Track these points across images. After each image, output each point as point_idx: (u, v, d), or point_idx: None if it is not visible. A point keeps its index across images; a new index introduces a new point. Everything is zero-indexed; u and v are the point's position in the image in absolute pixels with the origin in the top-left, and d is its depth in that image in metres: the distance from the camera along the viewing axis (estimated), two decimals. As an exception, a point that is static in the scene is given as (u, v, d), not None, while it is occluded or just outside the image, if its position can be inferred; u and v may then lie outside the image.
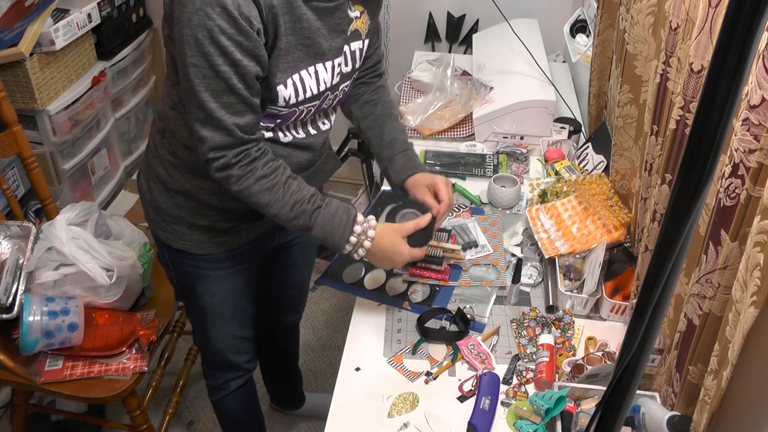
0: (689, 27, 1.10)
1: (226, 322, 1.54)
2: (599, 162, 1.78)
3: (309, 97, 1.21)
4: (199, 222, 1.35)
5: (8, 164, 2.13)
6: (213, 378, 1.69)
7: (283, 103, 1.19)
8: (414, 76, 2.25)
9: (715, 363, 1.00)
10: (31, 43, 2.10)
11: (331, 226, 1.23)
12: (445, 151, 1.96)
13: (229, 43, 1.05)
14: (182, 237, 1.38)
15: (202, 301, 1.48)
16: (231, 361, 1.64)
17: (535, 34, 2.23)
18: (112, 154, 2.74)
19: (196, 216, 1.35)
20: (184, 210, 1.34)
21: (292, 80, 1.17)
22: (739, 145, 0.90)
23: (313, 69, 1.20)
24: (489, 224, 1.69)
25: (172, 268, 1.47)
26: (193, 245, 1.38)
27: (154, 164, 1.34)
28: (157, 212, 1.38)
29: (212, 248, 1.39)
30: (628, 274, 1.45)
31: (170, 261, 1.45)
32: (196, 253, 1.39)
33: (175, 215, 1.35)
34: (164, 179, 1.33)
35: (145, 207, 1.41)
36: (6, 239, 1.73)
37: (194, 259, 1.40)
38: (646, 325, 0.65)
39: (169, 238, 1.39)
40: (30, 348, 1.58)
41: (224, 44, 1.05)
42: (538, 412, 1.20)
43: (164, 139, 1.31)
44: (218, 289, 1.47)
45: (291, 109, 1.21)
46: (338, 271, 1.58)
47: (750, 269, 0.89)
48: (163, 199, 1.35)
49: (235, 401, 1.72)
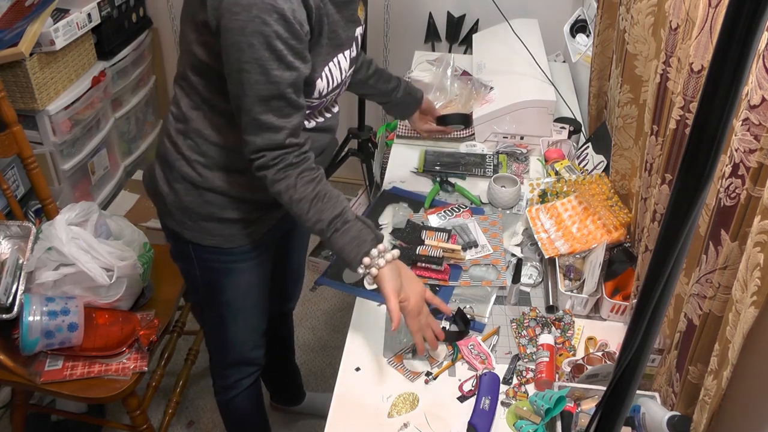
0: (689, 27, 1.10)
1: (247, 315, 1.55)
2: (599, 162, 1.78)
3: (335, 86, 1.29)
4: (228, 216, 1.37)
5: (8, 164, 2.13)
6: (224, 378, 1.68)
7: (317, 95, 1.26)
8: (414, 76, 2.25)
9: (715, 363, 1.00)
10: (31, 43, 2.10)
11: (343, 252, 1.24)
12: (445, 151, 1.96)
13: (284, 47, 1.09)
14: (212, 233, 1.38)
15: (225, 296, 1.49)
16: (248, 358, 1.64)
17: (535, 34, 2.23)
18: (112, 154, 2.74)
19: (226, 210, 1.36)
20: (215, 206, 1.35)
21: (325, 73, 1.24)
22: (739, 145, 0.90)
23: (337, 60, 1.27)
24: (489, 224, 1.69)
25: (199, 267, 1.46)
26: (223, 239, 1.40)
27: (179, 166, 1.33)
28: (184, 212, 1.37)
29: (241, 240, 1.41)
30: (628, 274, 1.45)
31: (197, 260, 1.44)
32: (226, 247, 1.41)
33: (204, 213, 1.36)
34: (192, 179, 1.33)
35: (168, 210, 1.39)
36: (6, 239, 1.73)
37: (224, 253, 1.42)
38: (646, 325, 0.65)
39: (198, 236, 1.39)
40: (30, 348, 1.58)
41: (279, 48, 1.08)
42: (538, 412, 1.20)
43: (188, 140, 1.31)
44: (244, 281, 1.48)
45: (321, 100, 1.29)
46: (338, 271, 1.58)
47: (750, 269, 0.89)
48: (191, 198, 1.35)
49: (245, 400, 1.72)
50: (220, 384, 1.70)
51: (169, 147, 1.35)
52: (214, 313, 1.55)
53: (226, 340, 1.59)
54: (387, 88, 1.67)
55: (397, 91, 1.68)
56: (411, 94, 1.73)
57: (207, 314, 1.59)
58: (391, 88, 1.68)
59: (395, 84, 1.68)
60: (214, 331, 1.61)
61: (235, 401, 1.71)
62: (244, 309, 1.54)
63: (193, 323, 2.17)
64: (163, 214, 1.42)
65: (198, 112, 1.27)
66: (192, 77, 1.25)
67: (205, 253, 1.43)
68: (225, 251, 1.42)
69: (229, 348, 1.61)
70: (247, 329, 1.59)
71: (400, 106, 1.73)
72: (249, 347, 1.63)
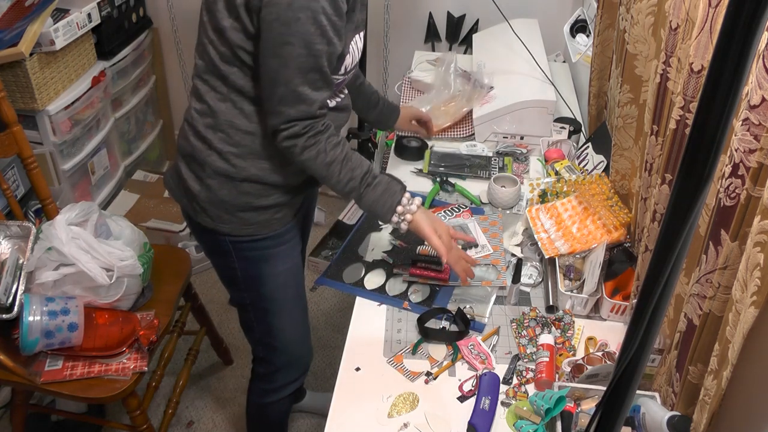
0: (689, 27, 1.10)
1: (290, 307, 1.58)
2: (599, 162, 1.78)
3: (355, 65, 1.37)
4: (264, 203, 1.40)
5: (8, 164, 2.13)
6: (270, 381, 1.68)
7: (343, 70, 1.32)
8: (414, 76, 2.25)
9: (715, 363, 1.00)
10: (31, 43, 2.10)
11: (377, 205, 1.35)
12: (450, 152, 1.96)
13: (328, 23, 1.16)
14: (249, 222, 1.41)
15: (267, 288, 1.51)
16: (297, 356, 1.66)
17: (535, 34, 2.23)
18: (112, 154, 2.74)
19: (261, 198, 1.39)
20: (251, 195, 1.38)
21: (351, 48, 1.32)
22: (739, 145, 0.90)
23: (356, 38, 1.34)
24: (489, 224, 1.69)
25: (237, 258, 1.48)
26: (260, 227, 1.43)
27: (211, 161, 1.35)
28: (219, 207, 1.39)
29: (275, 225, 1.45)
30: (628, 274, 1.45)
31: (235, 251, 1.46)
32: (262, 233, 1.44)
33: (241, 203, 1.39)
34: (227, 171, 1.36)
35: (201, 207, 1.41)
36: (6, 239, 1.73)
37: (260, 240, 1.45)
38: (646, 325, 0.65)
39: (236, 227, 1.42)
40: (30, 348, 1.58)
41: (324, 24, 1.16)
42: (538, 412, 1.20)
43: (219, 133, 1.34)
44: (283, 267, 1.51)
45: (344, 76, 1.35)
46: (338, 271, 1.58)
47: (750, 269, 0.89)
48: (227, 191, 1.38)
49: (281, 407, 1.73)
50: (263, 387, 1.70)
51: (197, 144, 1.37)
52: (259, 309, 1.56)
53: (275, 337, 1.59)
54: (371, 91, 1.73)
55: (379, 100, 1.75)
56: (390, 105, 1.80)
57: (252, 313, 1.58)
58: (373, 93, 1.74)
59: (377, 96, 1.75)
60: (262, 329, 1.60)
61: (272, 406, 1.71)
62: (285, 300, 1.56)
63: (193, 323, 2.17)
64: (196, 212, 1.43)
65: (227, 104, 1.31)
66: (222, 67, 1.28)
67: (243, 243, 1.45)
68: (261, 238, 1.45)
69: (278, 347, 1.62)
70: (293, 323, 1.61)
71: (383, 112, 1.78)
72: (297, 344, 1.64)
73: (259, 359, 1.68)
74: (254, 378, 1.72)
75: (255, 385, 1.72)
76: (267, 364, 1.67)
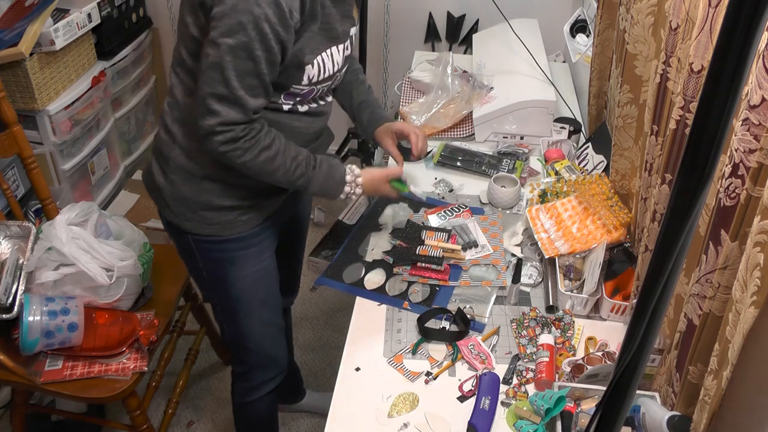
0: (689, 27, 1.10)
1: (260, 308, 1.56)
2: (599, 162, 1.78)
3: (327, 77, 1.33)
4: (226, 203, 1.39)
5: (8, 164, 2.13)
6: (247, 380, 1.68)
7: (306, 81, 1.30)
8: (414, 76, 2.25)
9: (715, 363, 1.00)
10: (31, 43, 2.10)
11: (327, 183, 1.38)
12: (463, 147, 1.97)
13: (270, 31, 1.15)
14: (211, 221, 1.40)
15: (234, 290, 1.50)
16: (270, 356, 1.65)
17: (535, 34, 2.23)
18: (112, 154, 2.74)
19: (223, 197, 1.38)
20: (212, 194, 1.37)
21: (317, 61, 1.28)
22: (739, 145, 0.90)
23: (330, 51, 1.31)
24: (489, 224, 1.69)
25: (200, 258, 1.47)
26: (222, 227, 1.41)
27: (174, 156, 1.35)
28: (182, 203, 1.39)
29: (240, 227, 1.42)
30: (628, 274, 1.45)
31: (198, 251, 1.46)
32: (225, 234, 1.42)
33: (202, 201, 1.38)
34: (188, 168, 1.35)
35: (166, 202, 1.41)
36: (6, 239, 1.73)
37: (223, 242, 1.43)
38: (646, 325, 0.65)
39: (197, 226, 1.41)
40: (30, 348, 1.58)
41: (266, 31, 1.15)
42: (538, 412, 1.20)
43: (184, 128, 1.33)
44: (249, 271, 1.49)
45: (311, 87, 1.32)
46: (338, 271, 1.58)
47: (750, 269, 0.89)
48: (188, 187, 1.37)
49: (263, 405, 1.72)
50: (242, 386, 1.69)
51: (165, 138, 1.37)
52: (227, 309, 1.55)
53: (246, 338, 1.59)
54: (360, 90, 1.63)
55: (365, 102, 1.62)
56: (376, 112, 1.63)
57: (222, 314, 1.58)
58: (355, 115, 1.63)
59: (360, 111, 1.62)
60: (232, 329, 1.60)
61: (254, 405, 1.71)
62: (254, 302, 1.54)
63: (193, 323, 2.17)
64: (162, 207, 1.43)
65: (192, 98, 1.28)
66: (188, 62, 1.28)
67: (206, 243, 1.43)
68: (224, 239, 1.43)
69: (250, 348, 1.61)
70: (263, 324, 1.59)
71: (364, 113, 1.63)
72: (270, 344, 1.63)
73: (235, 358, 1.69)
74: (233, 378, 1.73)
75: (235, 385, 1.73)
76: (242, 363, 1.68)
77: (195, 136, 1.30)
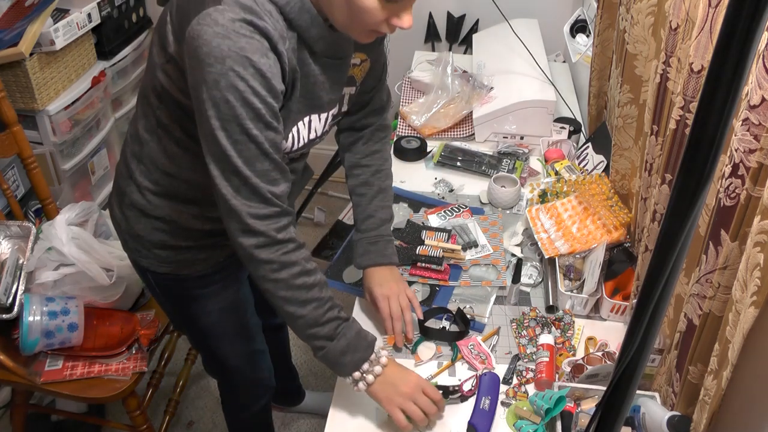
0: (689, 27, 1.10)
1: (232, 340, 1.49)
2: (599, 162, 1.78)
3: (301, 146, 1.17)
4: (182, 243, 1.29)
5: (8, 164, 2.13)
6: (235, 399, 1.64)
7: None
8: (414, 76, 2.25)
9: (715, 363, 1.00)
10: (31, 43, 2.10)
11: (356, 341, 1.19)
12: (463, 147, 1.96)
13: (262, 106, 0.98)
14: (166, 260, 1.31)
15: (201, 324, 1.43)
16: (253, 379, 1.61)
17: (535, 34, 2.23)
18: (112, 154, 2.74)
19: (178, 238, 1.28)
20: (166, 233, 1.27)
21: (292, 133, 1.14)
22: (739, 145, 0.90)
23: (308, 119, 1.16)
24: (489, 224, 1.69)
25: (162, 294, 1.41)
26: (179, 266, 1.32)
27: (129, 191, 1.26)
28: (136, 240, 1.30)
29: (199, 266, 1.33)
30: (628, 274, 1.45)
31: (158, 288, 1.39)
32: (183, 273, 1.33)
33: (156, 240, 1.28)
34: (142, 206, 1.25)
35: (123, 237, 1.33)
36: (6, 239, 1.73)
37: (183, 280, 1.34)
38: (646, 325, 0.65)
39: (153, 263, 1.32)
40: (30, 348, 1.58)
41: (257, 107, 0.98)
42: (538, 412, 1.20)
43: (141, 165, 1.23)
44: (214, 307, 1.40)
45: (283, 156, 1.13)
46: (338, 271, 1.58)
47: (750, 269, 0.89)
48: (142, 225, 1.27)
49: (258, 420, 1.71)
50: (231, 405, 1.67)
51: (122, 170, 1.28)
52: (198, 342, 1.51)
53: (223, 366, 1.55)
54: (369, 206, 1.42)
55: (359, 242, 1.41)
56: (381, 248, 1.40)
57: (195, 345, 1.54)
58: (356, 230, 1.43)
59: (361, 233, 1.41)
60: (208, 359, 1.57)
61: (246, 422, 1.70)
62: (224, 336, 1.46)
63: (193, 323, 2.17)
64: (121, 241, 1.35)
65: (153, 136, 1.18)
66: (152, 99, 1.14)
67: (164, 281, 1.36)
68: (183, 278, 1.34)
69: (232, 372, 1.58)
70: (237, 355, 1.53)
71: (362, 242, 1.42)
72: (250, 370, 1.58)
73: (219, 381, 1.67)
74: (222, 398, 1.70)
75: (224, 405, 1.71)
76: (224, 384, 1.65)
77: (151, 177, 1.22)
